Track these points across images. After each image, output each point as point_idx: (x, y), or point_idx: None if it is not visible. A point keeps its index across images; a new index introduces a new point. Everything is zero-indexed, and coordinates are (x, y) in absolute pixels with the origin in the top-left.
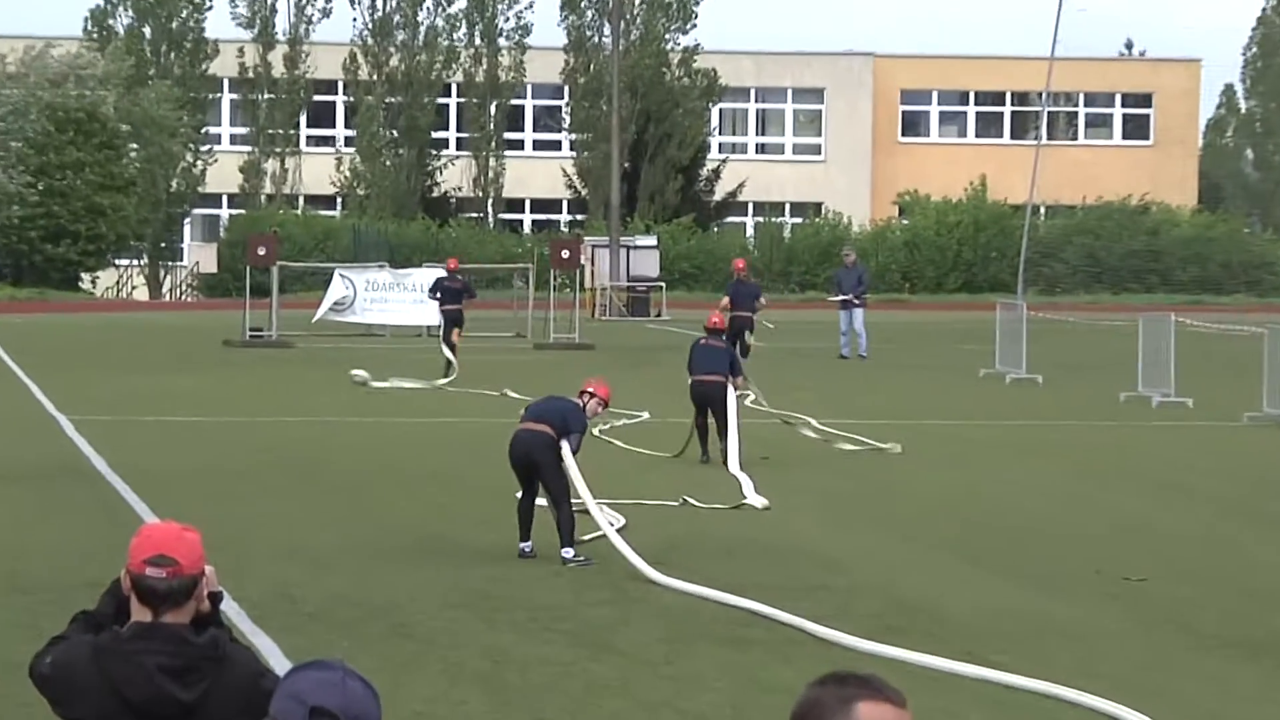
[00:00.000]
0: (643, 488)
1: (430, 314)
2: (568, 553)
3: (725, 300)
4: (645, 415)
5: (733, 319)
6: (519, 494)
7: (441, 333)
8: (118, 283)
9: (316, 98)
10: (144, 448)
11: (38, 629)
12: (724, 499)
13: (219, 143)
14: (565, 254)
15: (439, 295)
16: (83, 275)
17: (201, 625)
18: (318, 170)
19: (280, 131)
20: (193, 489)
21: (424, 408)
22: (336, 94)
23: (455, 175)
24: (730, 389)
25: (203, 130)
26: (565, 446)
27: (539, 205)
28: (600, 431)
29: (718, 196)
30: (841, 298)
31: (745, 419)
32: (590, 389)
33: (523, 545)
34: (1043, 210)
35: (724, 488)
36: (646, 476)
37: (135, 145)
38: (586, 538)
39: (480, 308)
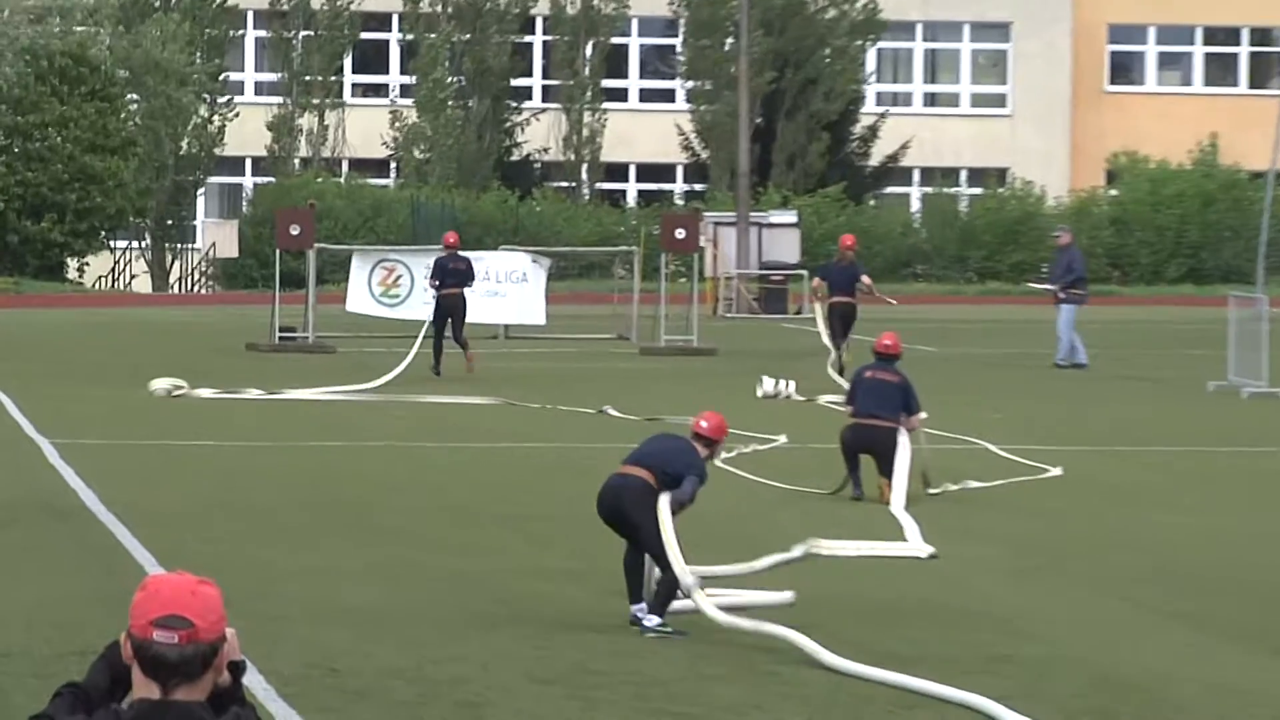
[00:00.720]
0: (774, 530)
1: (511, 308)
2: (650, 620)
3: (816, 281)
4: (782, 439)
5: (830, 307)
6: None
7: (433, 327)
8: (113, 270)
9: (365, 35)
10: (146, 480)
11: (8, 707)
12: (880, 545)
13: (241, 93)
14: (680, 234)
15: (439, 280)
16: (69, 261)
17: (221, 703)
18: (366, 127)
19: (319, 78)
20: (208, 532)
21: (497, 430)
22: (390, 30)
23: (540, 134)
24: (902, 436)
25: (221, 77)
26: (663, 500)
27: (647, 172)
28: (724, 460)
29: (874, 161)
30: (1045, 286)
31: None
32: (700, 429)
33: (634, 609)
34: None
35: (880, 531)
36: (778, 515)
37: (135, 96)
38: (727, 603)
39: (572, 301)
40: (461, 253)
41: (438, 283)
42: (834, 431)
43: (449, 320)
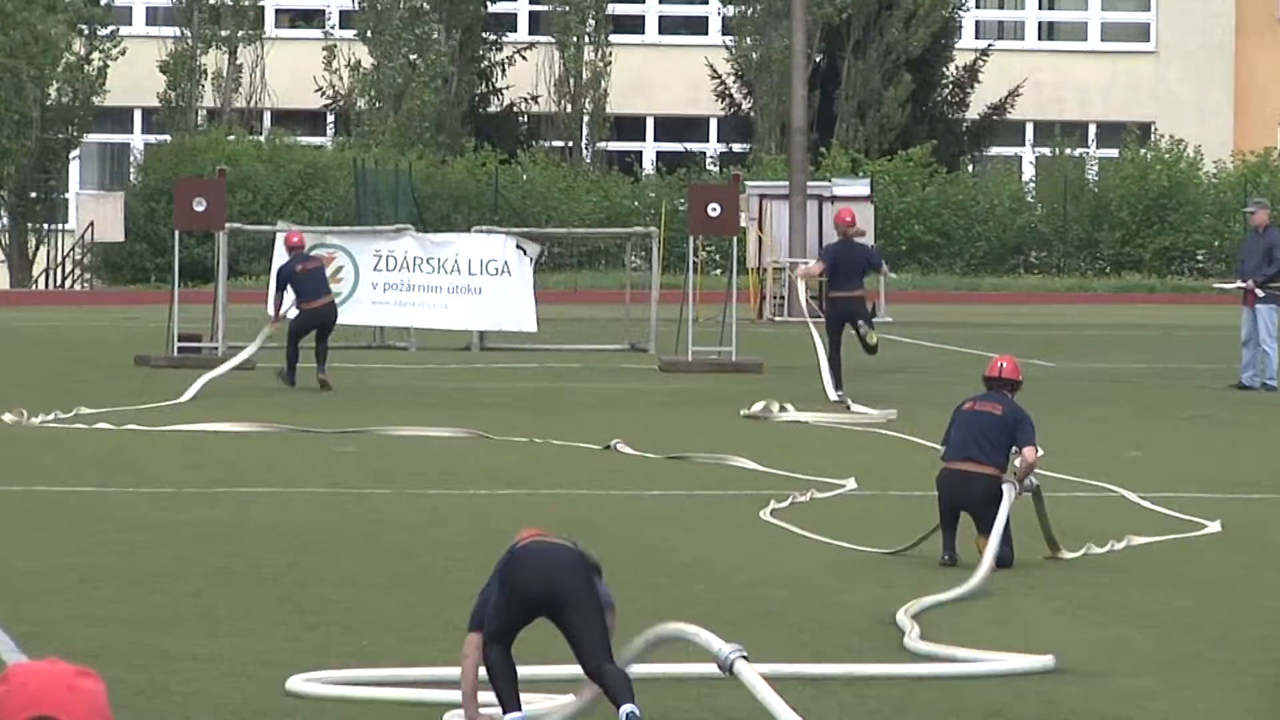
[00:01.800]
0: (834, 608)
1: (490, 309)
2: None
3: (816, 266)
4: (850, 484)
5: (833, 301)
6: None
7: (291, 347)
8: None
9: None
10: (5, 538)
11: None
12: (986, 635)
13: (128, 22)
14: (714, 210)
15: (294, 287)
16: None
17: None
18: (294, 68)
19: (230, 2)
20: (89, 608)
21: (469, 472)
22: None
23: (525, 76)
24: (1008, 490)
25: (102, 3)
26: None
27: (669, 127)
28: (773, 513)
29: (973, 112)
30: (1238, 285)
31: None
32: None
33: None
34: None
35: (981, 609)
36: (849, 581)
37: None
38: None
39: (570, 300)
40: (312, 251)
41: (292, 304)
42: (918, 473)
43: (317, 332)
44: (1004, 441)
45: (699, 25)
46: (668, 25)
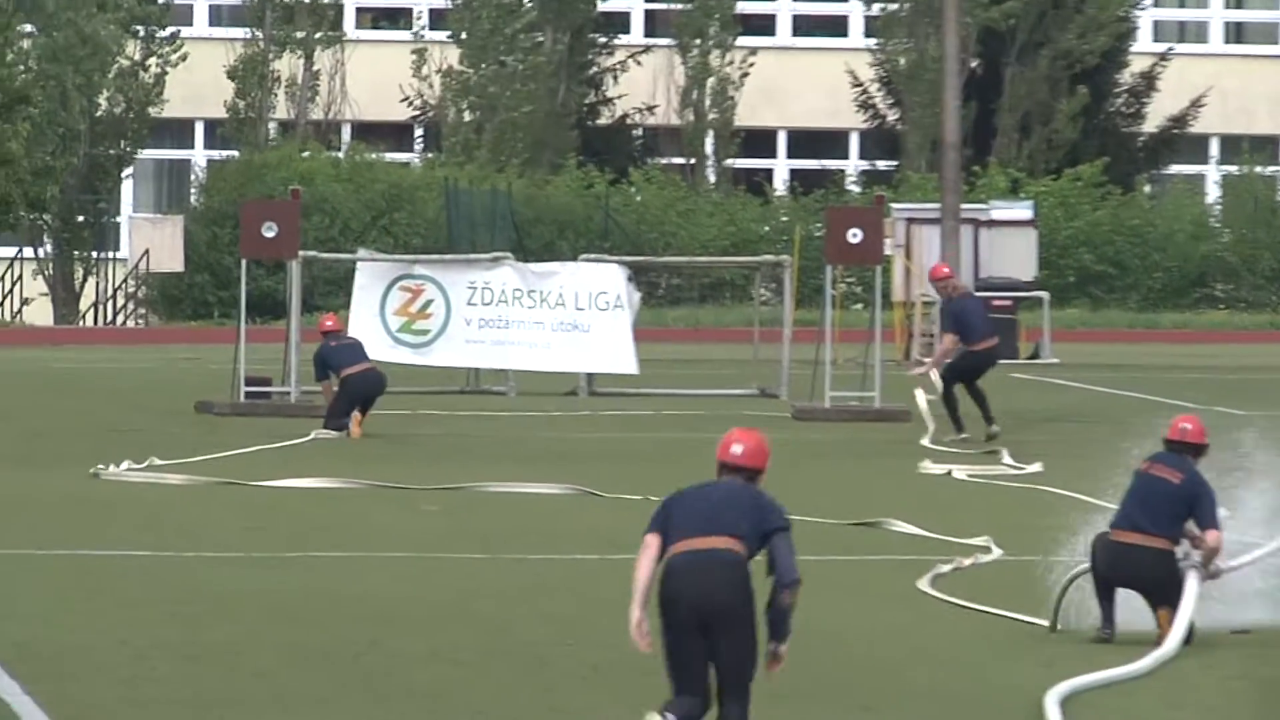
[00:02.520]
0: (991, 683)
1: (599, 349)
2: None
3: (949, 339)
4: (994, 552)
5: (968, 356)
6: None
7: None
8: None
9: None
10: (49, 607)
11: None
12: None
13: (189, 23)
14: (855, 236)
15: (330, 361)
16: None
17: None
18: (378, 76)
19: (303, 0)
20: (139, 689)
21: (575, 533)
22: None
23: (641, 84)
24: (1192, 579)
25: (160, 1)
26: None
27: (803, 141)
28: (933, 581)
29: (1150, 125)
30: None
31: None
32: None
33: None
34: None
35: (1153, 690)
36: (1005, 658)
37: (29, 27)
38: None
39: (690, 339)
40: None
41: (337, 366)
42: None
43: (365, 399)
44: (1179, 514)
45: (838, 26)
46: (803, 26)
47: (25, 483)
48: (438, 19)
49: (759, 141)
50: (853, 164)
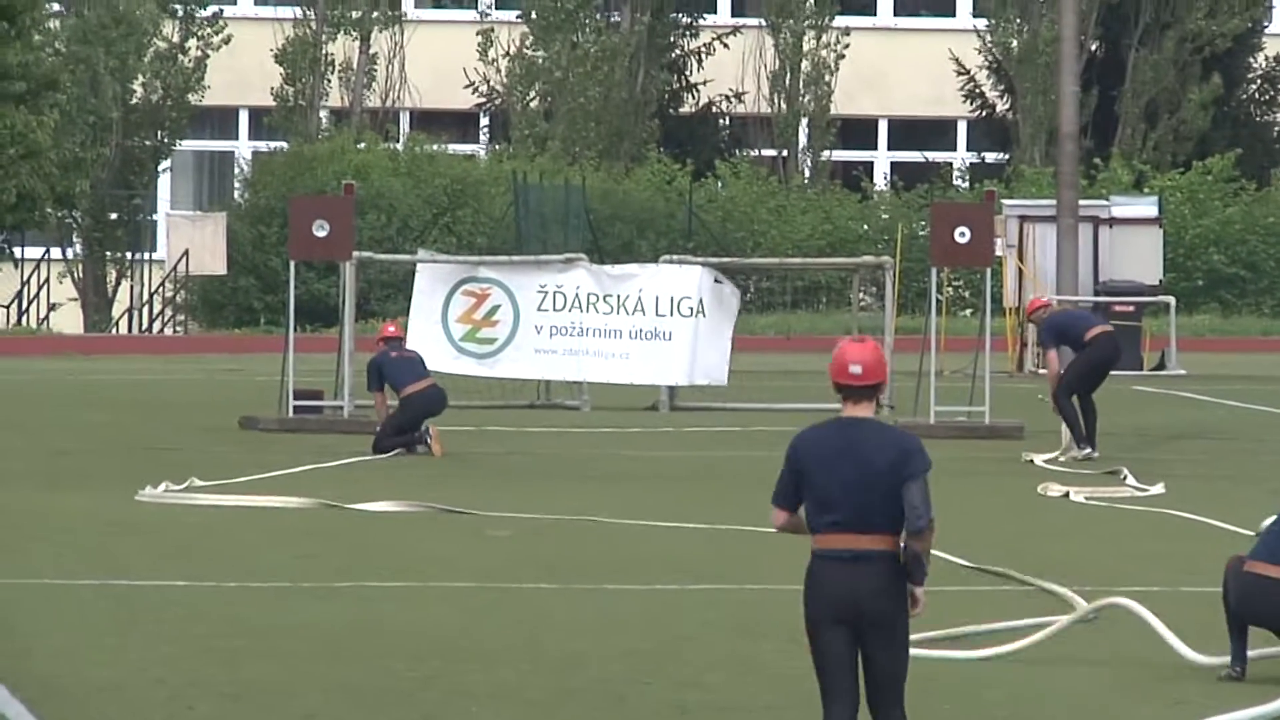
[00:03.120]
0: None
1: (681, 359)
2: None
3: (1052, 356)
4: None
5: (1082, 355)
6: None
7: (402, 431)
8: (19, 296)
9: None
10: (84, 642)
11: None
12: None
13: (233, 2)
14: (963, 235)
15: (389, 374)
16: None
17: None
18: (441, 58)
19: None
20: None
21: (652, 561)
22: None
23: (727, 69)
24: None
25: None
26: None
27: (906, 132)
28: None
29: None
30: None
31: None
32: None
33: None
34: None
35: None
36: (1135, 698)
37: (57, 5)
38: None
39: (783, 348)
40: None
41: (393, 378)
42: (1207, 572)
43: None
44: None
45: (944, 5)
46: (906, 5)
47: (52, 505)
48: None
49: (857, 132)
50: (960, 156)
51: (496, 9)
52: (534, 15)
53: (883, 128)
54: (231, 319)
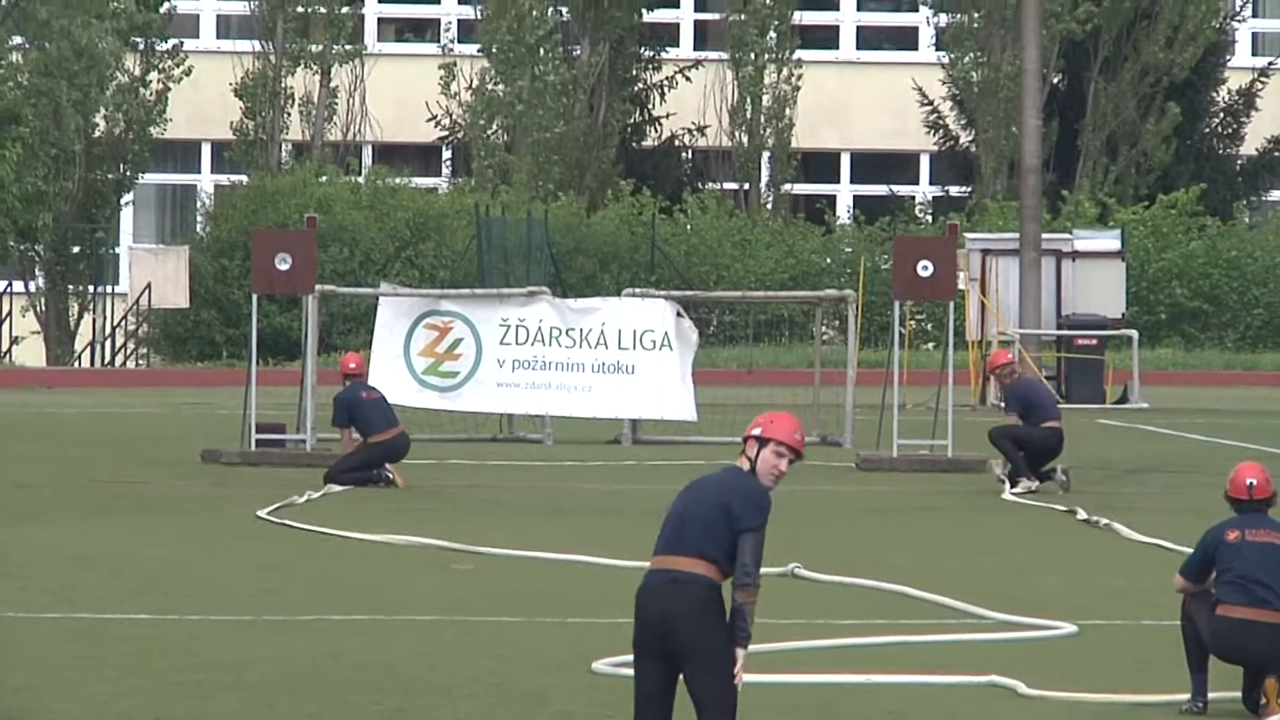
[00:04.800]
0: None
1: (645, 393)
2: None
3: (1014, 417)
4: (1068, 628)
5: (1038, 435)
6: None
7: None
8: None
9: None
10: (31, 675)
11: None
12: None
13: (194, 34)
14: (925, 269)
15: (357, 418)
16: None
17: None
18: (402, 92)
19: (320, 9)
20: None
21: (617, 597)
22: None
23: (689, 101)
24: None
25: (162, 9)
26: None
27: (869, 165)
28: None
29: (1249, 148)
30: None
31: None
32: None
33: None
34: None
35: None
36: None
37: (18, 39)
38: None
39: (744, 382)
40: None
41: (358, 422)
42: (1166, 606)
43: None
44: None
45: (906, 38)
46: (867, 38)
47: (13, 539)
48: (467, 31)
49: (820, 165)
50: (922, 190)
51: (458, 43)
52: (494, 49)
53: (845, 161)
54: (194, 352)
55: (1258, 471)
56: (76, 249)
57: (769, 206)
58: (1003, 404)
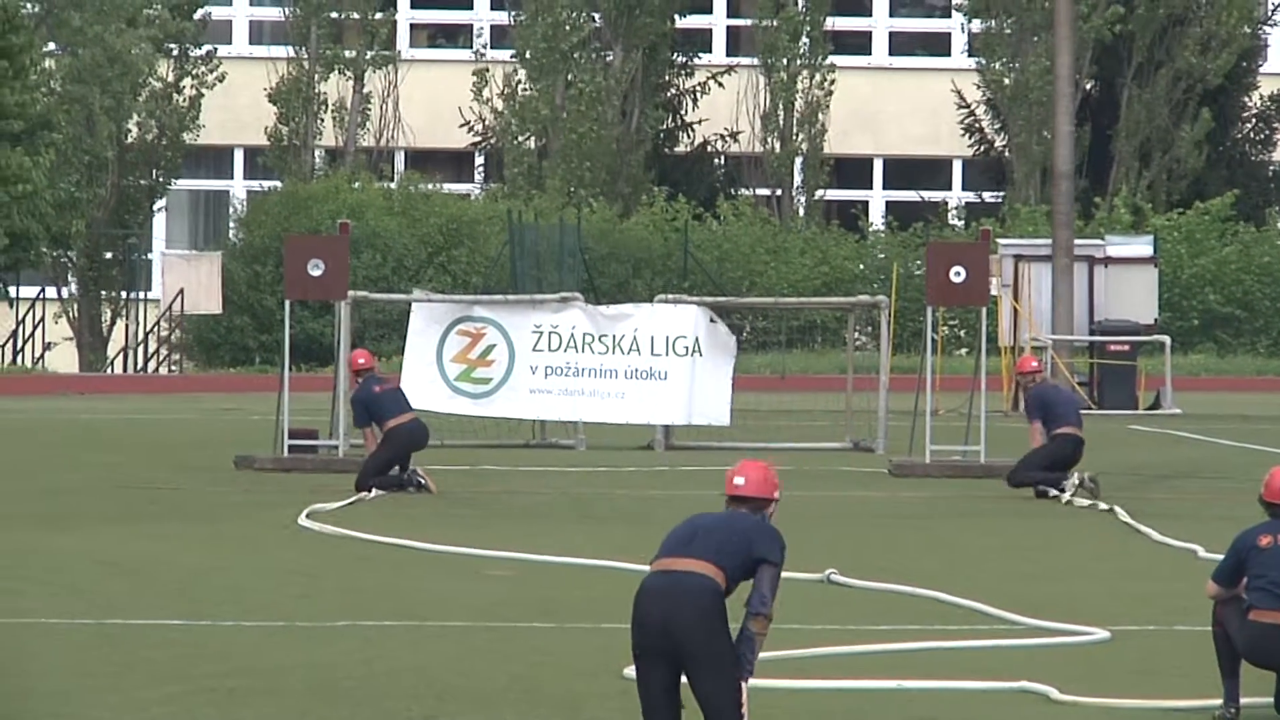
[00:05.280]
0: None
1: (677, 399)
2: None
3: (1035, 427)
4: (1102, 634)
5: (1061, 440)
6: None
7: (385, 464)
8: (14, 335)
9: None
10: (64, 681)
11: None
12: None
13: (227, 41)
14: (958, 275)
15: (373, 409)
16: None
17: None
18: (435, 99)
19: (353, 16)
20: None
21: None
22: None
23: (722, 107)
24: None
25: (196, 15)
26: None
27: (901, 170)
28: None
29: None
30: None
31: None
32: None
33: None
34: None
35: None
36: None
37: (52, 46)
38: None
39: (777, 387)
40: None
41: (378, 411)
42: (1199, 611)
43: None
44: None
45: (939, 44)
46: (900, 44)
47: (47, 545)
48: (500, 36)
49: (852, 171)
50: (956, 195)
51: (491, 48)
52: (528, 55)
53: (878, 167)
54: (226, 358)
55: None
56: (109, 255)
57: (801, 212)
58: (1024, 411)
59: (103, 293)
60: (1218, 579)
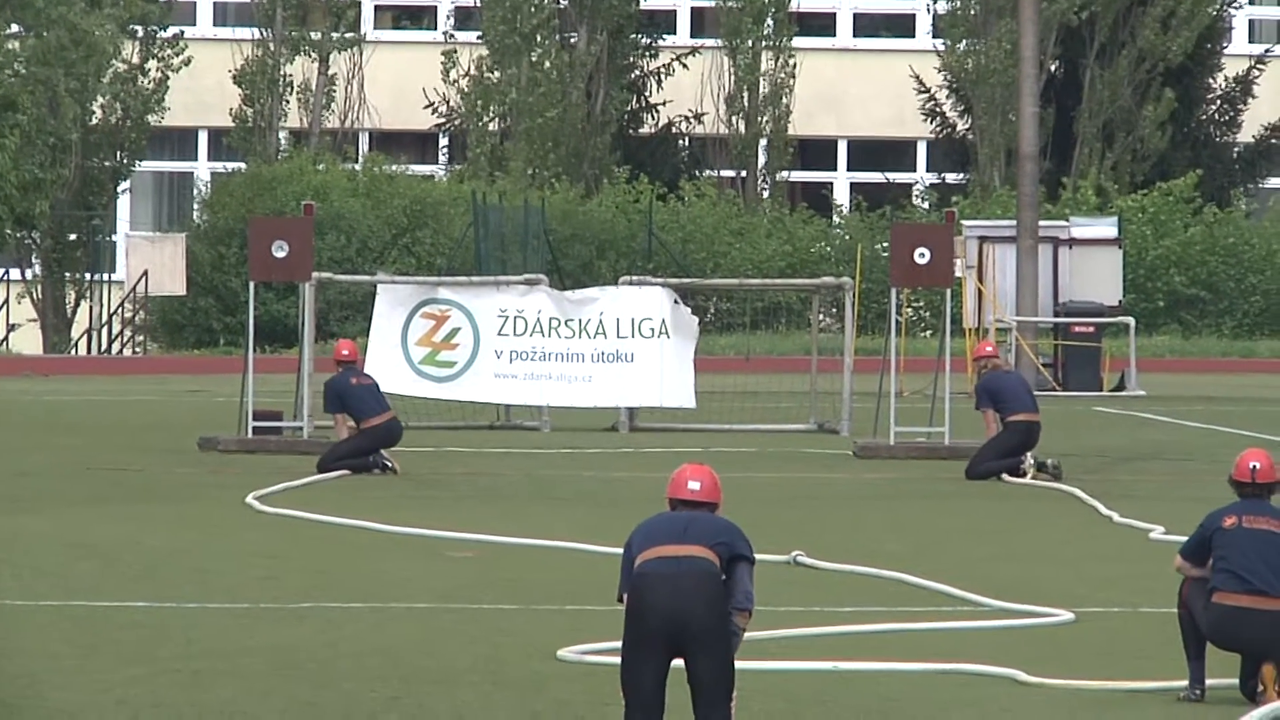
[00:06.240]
0: None
1: (643, 382)
2: None
3: (988, 415)
4: (1065, 615)
5: (1014, 428)
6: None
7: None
8: None
9: None
10: (29, 663)
11: None
12: None
13: (191, 22)
14: (922, 256)
15: (348, 403)
16: None
17: None
18: (399, 80)
19: None
20: None
21: (608, 584)
22: None
23: (686, 89)
24: None
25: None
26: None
27: (865, 152)
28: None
29: (1246, 135)
30: None
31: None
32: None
33: None
34: None
35: None
36: None
37: (16, 26)
38: None
39: (742, 369)
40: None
41: (351, 407)
42: (1163, 593)
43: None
44: None
45: (903, 25)
46: (864, 26)
47: (10, 528)
48: (465, 18)
49: (817, 152)
50: (920, 177)
51: (457, 30)
52: (491, 36)
53: (842, 148)
54: (191, 340)
55: (1263, 457)
56: (73, 236)
57: (766, 194)
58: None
59: (67, 274)
60: (1185, 554)
